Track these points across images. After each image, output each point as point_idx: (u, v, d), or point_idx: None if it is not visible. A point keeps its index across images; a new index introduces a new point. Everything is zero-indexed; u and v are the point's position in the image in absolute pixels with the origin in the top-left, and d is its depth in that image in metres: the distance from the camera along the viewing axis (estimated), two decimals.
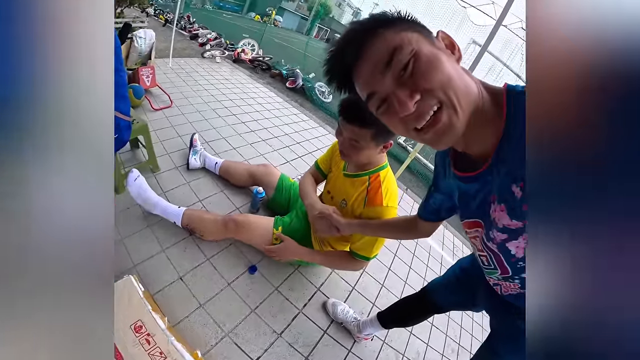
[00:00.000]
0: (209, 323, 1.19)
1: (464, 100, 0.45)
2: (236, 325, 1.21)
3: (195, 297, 1.25)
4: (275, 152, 2.55)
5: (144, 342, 0.96)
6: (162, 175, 1.79)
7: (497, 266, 0.66)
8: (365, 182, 1.17)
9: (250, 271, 1.42)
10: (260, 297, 1.35)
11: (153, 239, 1.40)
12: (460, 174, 0.60)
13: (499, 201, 0.52)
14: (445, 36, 0.50)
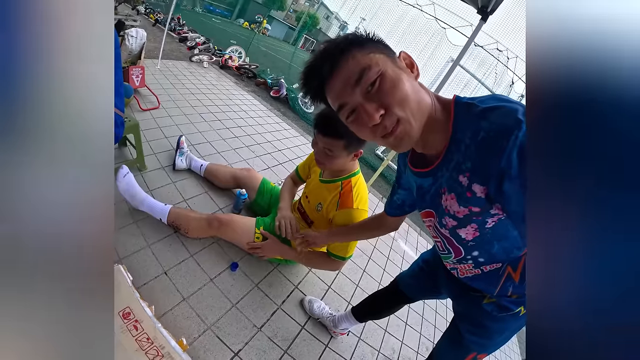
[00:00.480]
0: (192, 316, 1.25)
1: (417, 114, 0.56)
2: (218, 319, 1.28)
3: (179, 291, 1.31)
4: (257, 158, 2.65)
5: (131, 328, 1.01)
6: (149, 174, 1.84)
7: (450, 250, 0.76)
8: (338, 187, 1.31)
9: (232, 268, 1.50)
10: (241, 293, 1.42)
11: (139, 235, 1.46)
12: (417, 170, 0.70)
13: (449, 191, 0.62)
14: (407, 56, 0.60)
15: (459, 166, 0.57)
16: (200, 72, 4.40)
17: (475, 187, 0.55)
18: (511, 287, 0.74)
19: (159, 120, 2.49)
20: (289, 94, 5.29)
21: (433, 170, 0.65)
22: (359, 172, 1.36)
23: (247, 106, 3.81)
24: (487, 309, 0.81)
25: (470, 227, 0.64)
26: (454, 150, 0.58)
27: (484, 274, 0.76)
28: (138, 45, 3.15)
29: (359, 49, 0.56)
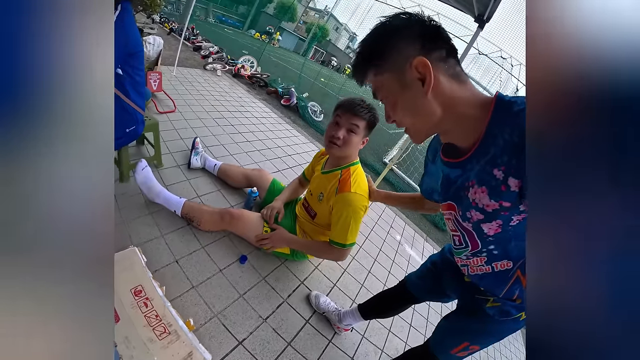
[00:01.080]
0: (199, 303, 1.32)
1: (417, 124, 0.65)
2: (225, 308, 1.35)
3: (189, 279, 1.39)
4: (268, 162, 2.76)
5: (142, 304, 1.09)
6: (165, 171, 1.96)
7: (468, 243, 0.77)
8: (338, 175, 1.43)
9: (241, 261, 1.58)
10: (249, 285, 1.49)
11: (153, 225, 1.55)
12: (447, 160, 0.73)
13: (479, 184, 0.63)
14: (420, 64, 0.57)
15: (495, 160, 0.59)
16: (214, 80, 4.60)
17: (511, 181, 0.57)
18: (518, 291, 0.77)
19: (175, 122, 2.63)
20: (298, 102, 5.45)
21: (463, 162, 0.67)
22: (358, 163, 1.46)
23: (258, 113, 3.97)
24: (489, 312, 0.84)
25: (496, 222, 0.66)
26: (489, 144, 0.59)
27: (493, 273, 0.78)
28: (155, 52, 3.35)
29: (374, 68, 0.64)
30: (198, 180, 2.02)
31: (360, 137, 1.36)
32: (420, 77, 0.59)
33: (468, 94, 0.62)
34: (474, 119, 0.61)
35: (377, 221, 2.77)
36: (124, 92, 1.46)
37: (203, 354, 1.04)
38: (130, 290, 1.12)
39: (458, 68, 0.62)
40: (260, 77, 5.99)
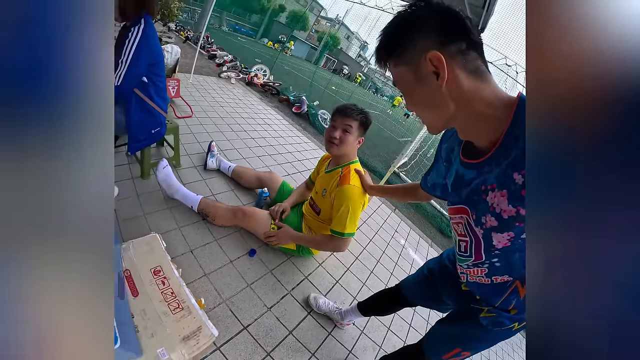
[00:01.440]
0: (210, 290, 1.46)
1: (431, 118, 0.65)
2: (233, 295, 1.48)
3: (202, 268, 1.53)
4: (278, 166, 2.94)
5: (159, 283, 1.23)
6: (183, 171, 2.15)
7: (472, 253, 0.76)
8: (339, 172, 1.60)
9: (250, 254, 1.72)
10: (256, 276, 1.63)
11: (171, 218, 1.72)
12: (465, 160, 0.71)
13: (500, 187, 0.61)
14: (436, 60, 0.55)
15: (515, 162, 0.57)
16: (228, 88, 4.84)
17: None
18: (514, 301, 0.77)
19: (192, 127, 2.84)
20: (309, 110, 5.64)
21: (480, 163, 0.65)
22: (358, 162, 1.64)
23: (270, 120, 4.16)
24: (483, 322, 0.85)
25: (507, 234, 0.64)
26: (510, 146, 0.57)
27: (492, 285, 0.78)
28: (173, 60, 3.59)
29: (392, 59, 0.63)
30: (213, 180, 2.20)
31: (355, 137, 1.54)
32: (435, 71, 0.57)
33: (487, 91, 0.59)
34: (493, 118, 0.59)
35: (382, 225, 2.88)
36: (149, 97, 1.65)
37: (211, 330, 1.17)
38: (150, 269, 1.27)
39: (479, 62, 0.58)
40: (272, 86, 6.23)
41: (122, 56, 1.41)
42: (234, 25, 25.08)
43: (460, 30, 0.57)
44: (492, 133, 0.60)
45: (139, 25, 1.43)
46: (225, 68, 6.10)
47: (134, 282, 1.20)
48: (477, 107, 0.59)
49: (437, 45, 0.56)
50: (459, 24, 0.57)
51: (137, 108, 1.63)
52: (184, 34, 9.07)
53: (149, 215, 1.69)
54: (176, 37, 7.90)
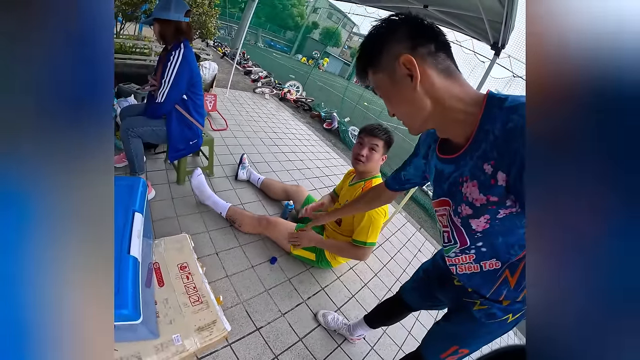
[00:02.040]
0: (230, 290, 1.59)
1: (410, 117, 0.71)
2: (250, 298, 1.60)
3: (225, 269, 1.68)
4: (306, 180, 3.11)
5: (184, 277, 1.39)
6: (215, 180, 2.37)
7: (457, 239, 0.81)
8: (362, 185, 1.72)
9: (271, 261, 1.85)
10: (275, 282, 1.75)
11: (201, 222, 1.91)
12: (442, 156, 0.78)
13: (472, 179, 0.68)
14: (406, 61, 0.62)
15: (485, 154, 0.63)
16: (262, 103, 5.15)
17: (499, 175, 0.61)
18: (505, 291, 0.81)
19: (226, 139, 3.10)
20: (340, 127, 5.82)
21: (457, 158, 0.71)
22: (379, 176, 1.75)
23: (301, 135, 4.38)
24: (476, 315, 0.89)
25: (483, 217, 0.70)
26: (481, 140, 0.63)
27: (482, 272, 0.82)
28: (210, 76, 3.93)
29: (371, 67, 0.70)
30: (243, 190, 2.40)
31: (380, 155, 1.68)
32: (408, 73, 0.63)
33: (458, 89, 0.66)
34: (465, 114, 0.65)
35: (405, 244, 2.90)
36: (187, 112, 1.89)
37: (224, 324, 1.30)
38: (177, 265, 1.43)
39: (448, 62, 0.65)
40: (304, 102, 6.50)
41: (165, 77, 1.67)
42: (269, 41, 26.40)
43: (427, 34, 0.64)
44: (465, 128, 0.67)
45: (180, 49, 1.69)
46: (260, 84, 6.49)
47: (161, 273, 1.36)
48: (449, 103, 0.65)
49: (408, 50, 0.63)
50: (426, 28, 0.64)
51: (177, 122, 1.87)
52: (222, 50, 9.73)
53: (181, 217, 1.89)
54: (214, 53, 8.51)
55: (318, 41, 30.24)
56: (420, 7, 2.62)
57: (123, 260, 0.85)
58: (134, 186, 1.11)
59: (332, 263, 1.90)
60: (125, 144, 1.78)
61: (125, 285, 0.81)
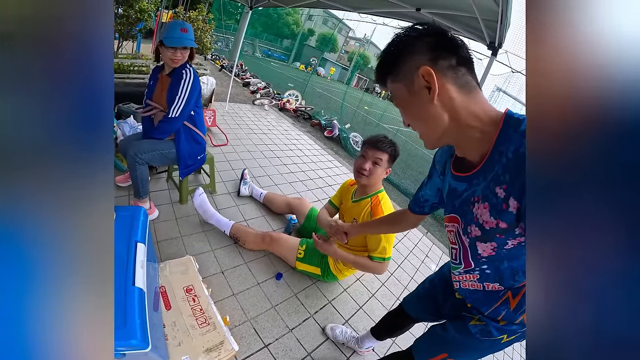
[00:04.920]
0: (237, 308, 1.61)
1: (426, 131, 0.69)
2: (258, 315, 1.62)
3: (231, 288, 1.70)
4: (309, 192, 3.14)
5: (190, 299, 1.42)
6: (218, 197, 2.42)
7: (462, 261, 0.83)
8: (369, 202, 1.70)
9: (277, 277, 1.87)
10: (281, 298, 1.77)
11: (205, 241, 1.94)
12: (456, 173, 0.77)
13: (483, 200, 0.67)
14: (425, 73, 0.61)
15: (498, 177, 0.62)
16: (262, 114, 5.22)
17: (511, 201, 0.60)
18: (504, 312, 0.82)
19: (227, 155, 3.16)
20: (341, 134, 5.85)
21: (470, 176, 0.71)
22: (384, 190, 1.74)
23: (302, 145, 4.44)
24: (472, 330, 0.89)
25: (490, 244, 0.70)
26: (495, 161, 0.63)
27: (484, 291, 0.83)
28: (209, 91, 3.99)
29: (389, 76, 0.69)
30: (246, 206, 2.45)
31: (384, 169, 1.65)
32: (427, 85, 0.62)
33: (476, 106, 0.64)
34: (481, 133, 0.64)
35: (412, 250, 2.90)
36: (195, 127, 1.96)
37: (232, 344, 1.33)
38: (183, 287, 1.46)
39: (469, 78, 0.64)
40: (304, 111, 6.56)
41: (180, 93, 1.74)
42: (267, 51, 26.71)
43: (449, 48, 0.63)
44: (480, 147, 0.66)
45: (190, 68, 1.78)
46: (259, 95, 6.57)
47: (167, 297, 1.39)
48: (466, 120, 0.64)
49: (428, 62, 0.62)
50: (449, 41, 0.63)
51: (186, 138, 1.94)
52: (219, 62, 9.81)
53: (185, 237, 1.92)
54: (212, 67, 8.66)
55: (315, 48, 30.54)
56: (412, 10, 2.65)
57: (129, 292, 0.88)
58: (135, 216, 1.14)
59: (338, 276, 1.91)
60: (131, 171, 1.82)
61: (132, 317, 0.84)
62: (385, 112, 12.82)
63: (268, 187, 2.86)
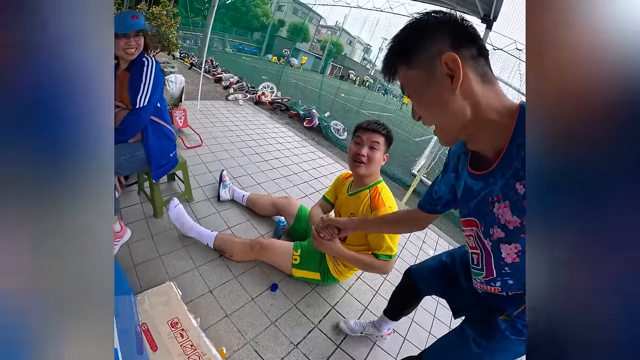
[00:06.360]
0: (233, 331, 1.41)
1: (445, 123, 0.64)
2: (257, 335, 1.43)
3: (223, 308, 1.49)
4: (295, 187, 2.90)
5: (178, 335, 1.20)
6: (196, 205, 2.15)
7: (484, 267, 0.77)
8: (367, 194, 1.50)
9: (272, 289, 1.66)
10: (280, 312, 1.57)
11: (187, 258, 1.70)
12: (472, 171, 0.73)
13: (504, 199, 0.63)
14: (450, 59, 0.57)
15: (517, 173, 0.59)
16: (237, 110, 4.90)
17: None
18: None
19: (203, 156, 2.86)
20: (321, 123, 5.63)
21: (487, 174, 0.67)
22: (382, 181, 1.56)
23: (282, 138, 4.17)
24: (501, 325, 0.80)
25: (515, 246, 0.65)
26: (513, 155, 0.59)
27: (507, 297, 0.78)
28: (178, 89, 3.66)
29: (404, 63, 0.64)
30: (228, 212, 2.19)
31: (382, 153, 1.48)
32: (449, 73, 0.58)
33: (494, 98, 0.61)
34: (499, 126, 0.61)
35: (409, 237, 2.76)
36: (164, 120, 1.73)
37: None
38: (167, 322, 1.24)
39: (487, 69, 0.61)
40: (281, 102, 6.28)
41: (144, 80, 1.54)
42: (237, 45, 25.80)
43: (471, 37, 0.60)
44: (497, 141, 0.62)
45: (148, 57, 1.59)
46: (232, 90, 6.22)
47: (152, 336, 1.17)
48: (485, 112, 0.61)
49: (451, 49, 0.58)
50: (470, 30, 0.60)
51: (155, 134, 1.69)
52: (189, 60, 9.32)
53: (164, 257, 1.68)
54: (181, 65, 8.17)
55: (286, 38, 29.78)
56: None
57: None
58: None
59: (339, 278, 1.73)
60: None
61: None
62: (365, 99, 12.62)
63: (250, 187, 2.61)
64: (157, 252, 1.70)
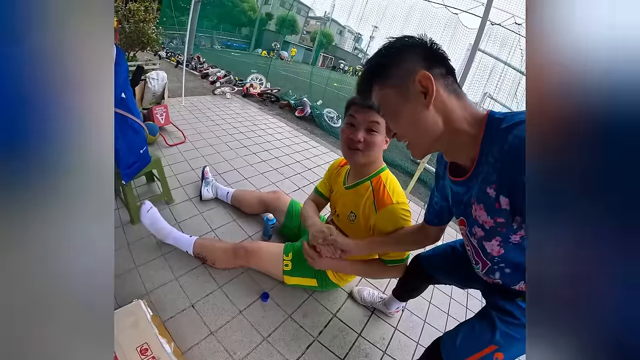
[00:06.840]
0: (219, 351, 1.20)
1: (417, 138, 0.70)
2: (247, 354, 1.22)
3: (207, 325, 1.28)
4: (286, 180, 2.66)
5: None
6: (176, 206, 1.91)
7: (478, 260, 0.82)
8: (369, 187, 1.21)
9: (263, 299, 1.45)
10: (273, 325, 1.36)
11: (166, 267, 1.48)
12: (453, 178, 0.78)
13: (478, 202, 0.68)
14: (423, 77, 0.63)
15: (487, 178, 0.63)
16: (224, 103, 4.64)
17: (502, 200, 0.62)
18: None
19: (185, 153, 2.62)
20: (313, 111, 5.37)
21: (466, 180, 0.72)
22: (386, 168, 1.26)
23: (272, 129, 3.92)
24: (522, 305, 0.80)
25: (495, 240, 0.70)
26: (483, 162, 0.65)
27: (516, 291, 0.81)
28: (160, 87, 3.43)
29: (379, 82, 0.70)
30: (211, 212, 1.95)
31: (383, 136, 1.16)
32: (422, 90, 0.64)
33: (464, 112, 0.67)
34: (469, 136, 0.66)
35: None
36: (131, 113, 1.51)
37: None
38: (136, 348, 1.04)
39: (455, 85, 0.68)
40: (270, 93, 6.01)
41: None
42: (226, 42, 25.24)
43: (440, 58, 0.67)
44: (470, 151, 0.67)
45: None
46: (219, 84, 5.94)
47: None
48: (458, 125, 0.66)
49: (424, 68, 0.64)
50: (440, 52, 0.67)
51: (121, 129, 1.46)
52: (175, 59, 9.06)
53: (141, 268, 1.46)
54: (167, 64, 7.86)
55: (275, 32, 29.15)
56: None
57: None
58: None
59: (340, 283, 1.51)
60: None
61: None
62: None
63: (237, 183, 2.37)
64: (134, 262, 1.48)
